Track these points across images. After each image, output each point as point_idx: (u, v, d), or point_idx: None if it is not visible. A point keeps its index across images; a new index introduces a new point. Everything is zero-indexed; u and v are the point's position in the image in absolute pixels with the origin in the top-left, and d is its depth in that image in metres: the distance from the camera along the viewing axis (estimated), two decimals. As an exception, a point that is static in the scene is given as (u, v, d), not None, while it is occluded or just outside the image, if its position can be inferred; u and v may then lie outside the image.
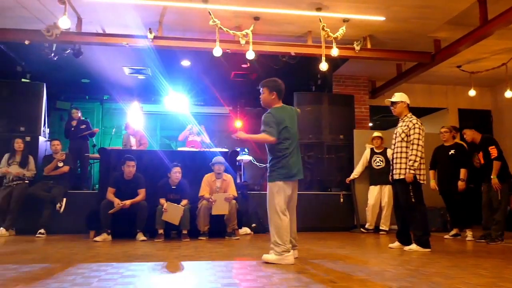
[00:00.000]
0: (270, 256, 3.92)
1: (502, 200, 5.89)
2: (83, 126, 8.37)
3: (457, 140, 7.06)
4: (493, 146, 5.96)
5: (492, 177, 5.87)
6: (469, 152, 6.48)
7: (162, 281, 3.08)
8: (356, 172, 7.75)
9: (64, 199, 6.56)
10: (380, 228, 7.34)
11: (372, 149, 7.58)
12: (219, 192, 6.33)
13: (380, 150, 7.48)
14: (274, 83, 4.25)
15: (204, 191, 6.30)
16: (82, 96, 11.96)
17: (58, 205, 6.47)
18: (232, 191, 6.39)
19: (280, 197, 3.97)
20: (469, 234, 6.37)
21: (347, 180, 7.82)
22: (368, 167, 7.60)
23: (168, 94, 10.88)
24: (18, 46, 7.48)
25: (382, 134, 7.57)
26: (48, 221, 6.43)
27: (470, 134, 6.28)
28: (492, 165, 5.91)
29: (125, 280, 3.06)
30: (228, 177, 6.53)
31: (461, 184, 6.37)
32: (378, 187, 7.40)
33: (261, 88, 4.25)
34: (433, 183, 6.70)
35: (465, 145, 6.67)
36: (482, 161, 6.09)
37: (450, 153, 6.58)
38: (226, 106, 12.45)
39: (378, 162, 7.42)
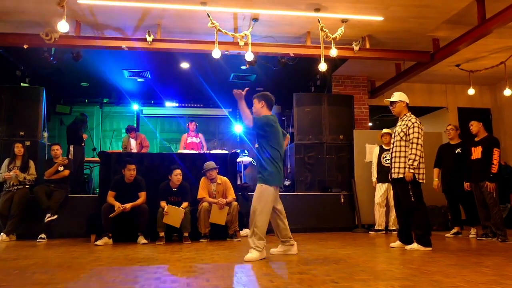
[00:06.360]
0: (252, 255, 4.21)
1: (497, 199, 5.93)
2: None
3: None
4: (498, 149, 5.96)
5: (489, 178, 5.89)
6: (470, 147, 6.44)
7: (164, 284, 3.07)
8: (374, 175, 7.45)
9: (56, 216, 6.41)
10: (390, 228, 7.24)
11: (381, 147, 7.44)
12: (216, 196, 6.32)
13: (389, 147, 7.35)
14: (262, 94, 4.62)
15: (203, 193, 6.29)
16: (81, 100, 11.98)
17: (48, 215, 6.34)
18: (230, 194, 6.39)
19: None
20: (472, 232, 6.38)
21: (374, 184, 7.43)
22: (377, 164, 7.41)
23: (167, 97, 10.91)
24: (17, 50, 7.48)
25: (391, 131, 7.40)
26: (49, 226, 6.42)
27: (477, 126, 6.24)
28: (488, 165, 5.91)
29: (126, 283, 3.06)
30: (223, 180, 6.49)
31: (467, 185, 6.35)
32: (386, 185, 7.20)
33: (253, 100, 4.63)
34: (436, 182, 6.67)
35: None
36: (480, 156, 6.07)
37: (456, 151, 6.54)
38: (225, 108, 12.47)
39: (388, 159, 7.21)
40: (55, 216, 6.40)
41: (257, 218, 4.27)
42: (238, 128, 11.89)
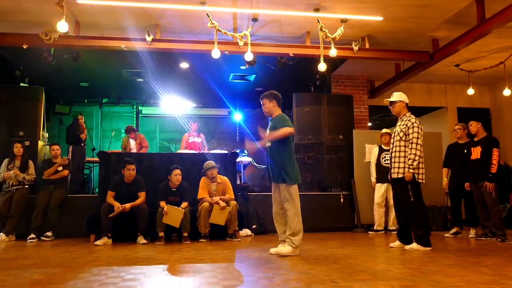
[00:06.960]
0: (285, 249, 4.42)
1: (496, 199, 5.94)
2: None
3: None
4: (498, 149, 5.95)
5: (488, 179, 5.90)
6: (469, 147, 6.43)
7: (164, 284, 3.07)
8: (373, 175, 7.47)
9: (36, 239, 6.26)
10: (389, 228, 7.25)
11: (380, 147, 7.45)
12: (216, 195, 6.32)
13: (389, 147, 7.34)
14: (271, 93, 4.73)
15: (203, 193, 6.29)
16: (81, 100, 11.97)
17: (33, 236, 6.22)
18: (230, 194, 6.40)
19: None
20: (472, 232, 6.38)
21: (373, 185, 7.45)
22: (376, 164, 7.41)
23: (167, 97, 10.90)
24: (16, 51, 7.46)
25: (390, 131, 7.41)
26: (53, 224, 6.45)
27: (476, 126, 6.23)
28: (487, 165, 5.91)
29: (126, 284, 3.06)
30: (223, 179, 6.50)
31: (467, 185, 6.34)
32: (385, 185, 7.21)
33: (261, 101, 4.75)
34: (445, 182, 6.67)
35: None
36: (479, 156, 6.07)
37: (465, 151, 6.49)
38: (225, 107, 12.48)
39: (387, 159, 7.21)
40: (36, 240, 6.25)
41: (294, 220, 4.50)
42: (237, 116, 12.04)
